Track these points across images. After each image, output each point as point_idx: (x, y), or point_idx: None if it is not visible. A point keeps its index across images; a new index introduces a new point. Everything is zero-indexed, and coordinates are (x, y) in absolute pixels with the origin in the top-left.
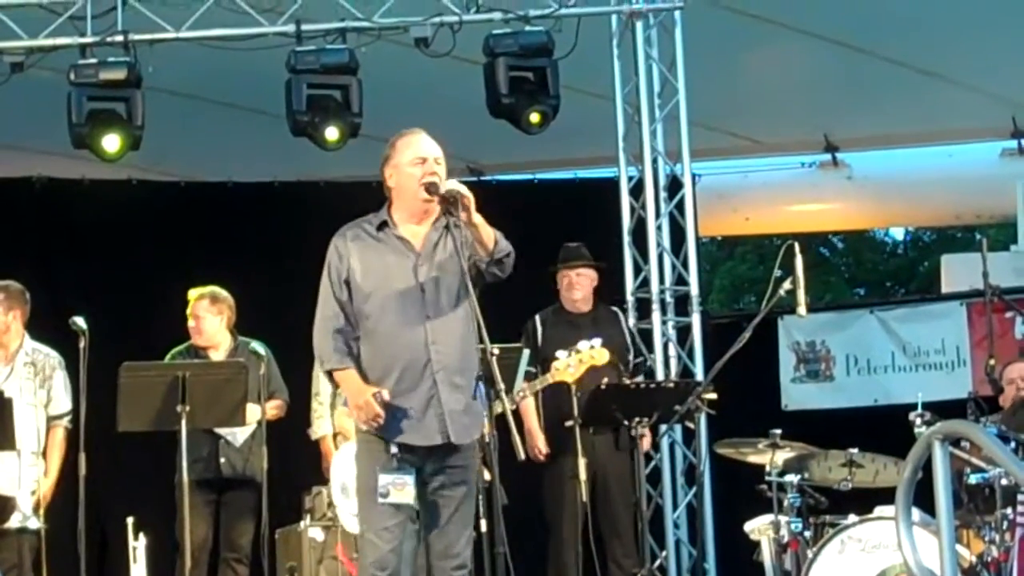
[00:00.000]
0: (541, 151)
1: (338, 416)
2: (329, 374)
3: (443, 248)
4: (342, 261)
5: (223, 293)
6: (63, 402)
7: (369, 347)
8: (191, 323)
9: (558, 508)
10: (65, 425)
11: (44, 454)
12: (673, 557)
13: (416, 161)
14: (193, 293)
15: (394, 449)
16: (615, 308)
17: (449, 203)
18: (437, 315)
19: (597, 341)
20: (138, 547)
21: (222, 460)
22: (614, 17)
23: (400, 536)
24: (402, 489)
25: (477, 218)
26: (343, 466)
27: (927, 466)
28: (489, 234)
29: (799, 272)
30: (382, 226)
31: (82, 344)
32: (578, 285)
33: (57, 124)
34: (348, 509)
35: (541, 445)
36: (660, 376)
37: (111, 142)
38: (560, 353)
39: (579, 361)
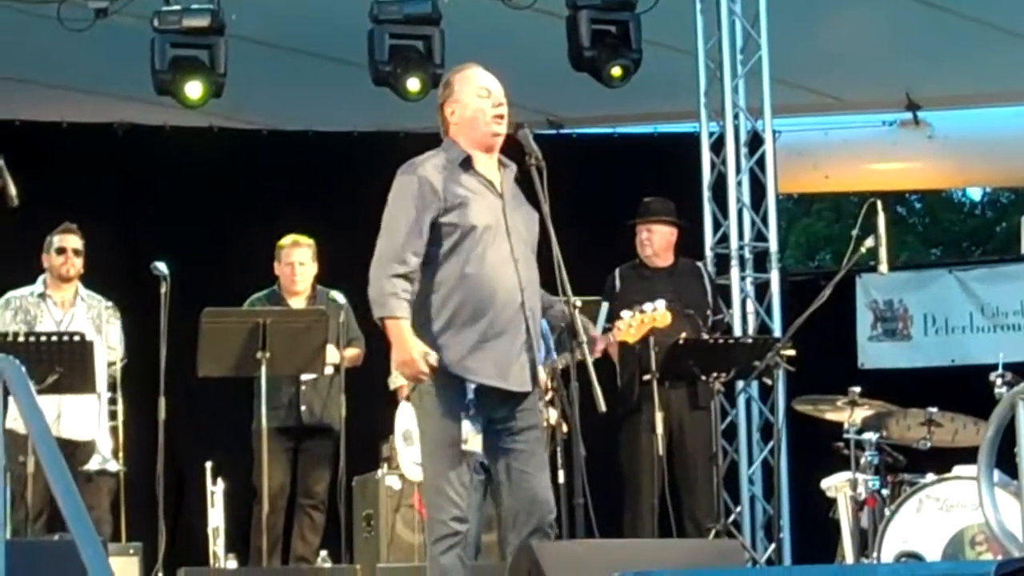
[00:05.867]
0: (622, 105)
1: None
2: (380, 319)
3: (515, 192)
4: (427, 198)
5: (313, 242)
6: (118, 351)
7: (455, 289)
8: (286, 269)
9: (635, 461)
10: (112, 373)
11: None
12: (748, 513)
13: (482, 92)
14: (288, 239)
15: (471, 395)
16: (698, 263)
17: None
18: (520, 259)
19: (661, 303)
20: (216, 492)
21: (303, 408)
22: None
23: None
24: (476, 437)
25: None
26: (407, 413)
27: (1008, 427)
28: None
29: (881, 230)
30: (465, 163)
31: (163, 289)
32: (648, 242)
33: (140, 71)
34: (409, 457)
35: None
36: (738, 332)
37: (194, 89)
38: (624, 313)
39: (640, 322)
